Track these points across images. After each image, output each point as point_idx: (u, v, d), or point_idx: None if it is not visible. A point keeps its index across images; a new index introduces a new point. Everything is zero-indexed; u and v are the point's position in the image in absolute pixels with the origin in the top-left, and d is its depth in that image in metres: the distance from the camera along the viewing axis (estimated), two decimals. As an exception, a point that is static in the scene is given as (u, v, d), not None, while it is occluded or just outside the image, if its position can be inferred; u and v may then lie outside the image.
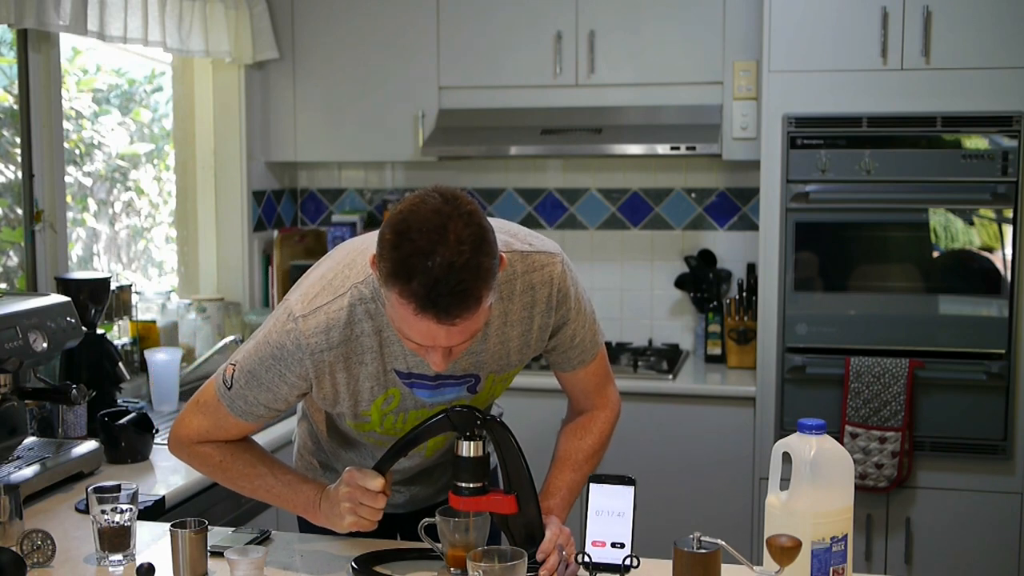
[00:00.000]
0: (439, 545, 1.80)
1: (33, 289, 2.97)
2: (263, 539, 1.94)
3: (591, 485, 1.77)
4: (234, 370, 1.76)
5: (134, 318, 3.29)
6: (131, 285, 3.23)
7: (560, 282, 1.78)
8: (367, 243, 1.72)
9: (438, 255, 1.46)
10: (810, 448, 1.61)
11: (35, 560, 1.79)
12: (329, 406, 1.81)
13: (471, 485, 1.73)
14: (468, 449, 1.72)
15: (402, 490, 2.04)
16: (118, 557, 1.83)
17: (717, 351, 3.78)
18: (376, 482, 1.72)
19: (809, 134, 3.30)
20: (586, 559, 1.73)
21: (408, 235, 1.48)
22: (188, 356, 3.51)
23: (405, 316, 1.52)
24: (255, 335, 1.78)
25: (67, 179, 3.16)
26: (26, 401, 2.38)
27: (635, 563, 1.71)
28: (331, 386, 1.74)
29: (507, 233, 1.78)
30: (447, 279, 1.46)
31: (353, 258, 1.75)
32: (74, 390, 2.34)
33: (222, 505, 2.58)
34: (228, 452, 1.85)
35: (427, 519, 1.81)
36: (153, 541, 1.95)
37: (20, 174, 2.99)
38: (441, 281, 1.46)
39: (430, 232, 1.47)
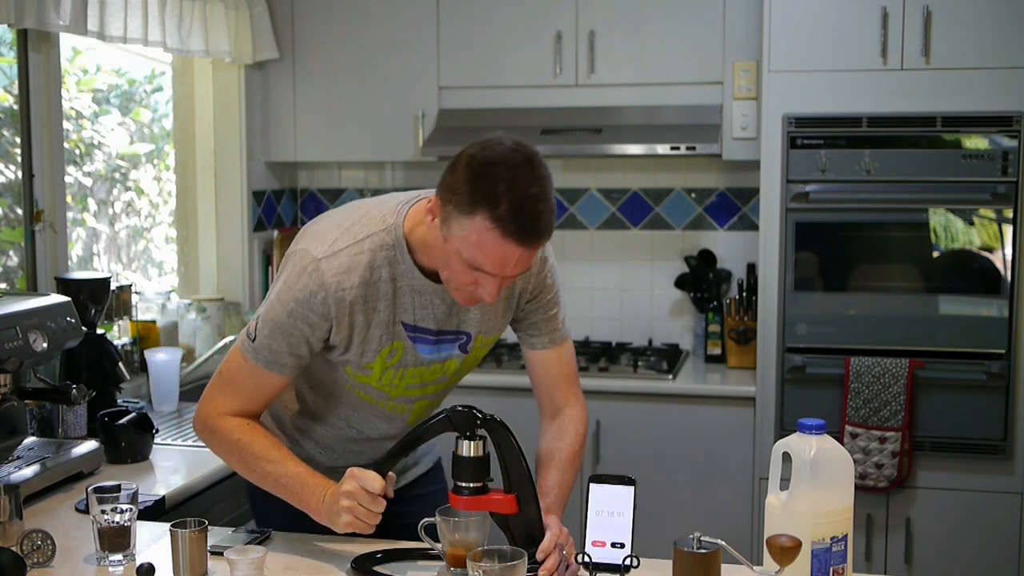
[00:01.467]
0: (439, 545, 1.80)
1: (33, 289, 2.97)
2: (263, 539, 1.94)
3: (591, 485, 1.77)
4: (257, 323, 1.82)
5: (134, 318, 3.29)
6: (131, 285, 3.23)
7: (541, 249, 1.85)
8: (378, 201, 1.86)
9: (524, 185, 1.62)
10: (810, 448, 1.61)
11: (35, 560, 1.79)
12: (340, 352, 1.84)
13: (471, 485, 1.73)
14: (468, 449, 1.72)
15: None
16: (118, 557, 1.83)
17: (717, 351, 3.78)
18: (376, 484, 1.72)
19: (809, 134, 3.31)
20: (586, 559, 1.73)
21: (493, 167, 1.63)
22: (188, 356, 3.51)
23: (484, 242, 1.63)
24: (272, 289, 1.84)
25: (67, 179, 3.16)
26: (26, 401, 2.38)
27: (635, 563, 1.71)
28: (348, 329, 1.80)
29: None
30: (532, 206, 1.62)
31: (367, 211, 1.84)
32: (74, 390, 2.34)
33: (222, 505, 2.58)
34: (247, 431, 1.85)
35: (427, 519, 1.81)
36: (153, 541, 1.95)
37: (20, 174, 2.99)
38: (526, 208, 1.62)
39: (514, 167, 1.63)
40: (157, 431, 2.68)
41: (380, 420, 1.99)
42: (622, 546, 1.72)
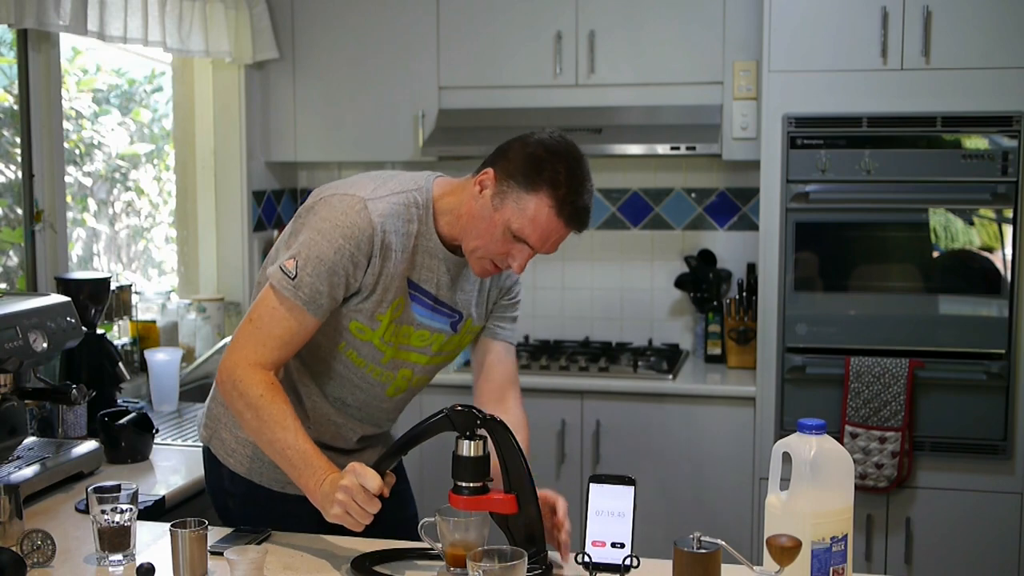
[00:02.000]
0: (439, 545, 1.80)
1: (33, 289, 2.97)
2: (263, 539, 1.94)
3: (591, 485, 1.77)
4: (295, 262, 1.85)
5: (134, 318, 3.29)
6: (131, 285, 3.23)
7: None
8: (399, 171, 2.02)
9: (582, 177, 1.86)
10: (810, 448, 1.61)
11: (35, 560, 1.79)
12: (362, 298, 1.91)
13: (471, 485, 1.73)
14: (468, 449, 1.73)
15: (354, 427, 2.08)
16: (118, 557, 1.83)
17: (717, 351, 3.78)
18: (374, 483, 1.72)
19: (809, 134, 3.30)
20: (586, 559, 1.73)
21: (559, 155, 1.84)
22: (188, 356, 3.51)
23: (539, 217, 1.83)
24: (302, 232, 1.88)
25: (67, 179, 3.16)
26: (26, 401, 2.38)
27: (635, 563, 1.71)
28: (378, 273, 1.89)
29: None
30: (585, 197, 1.86)
31: (395, 174, 1.99)
32: (74, 390, 2.34)
33: (222, 505, 2.58)
34: (270, 390, 1.84)
35: (427, 519, 1.81)
36: (153, 541, 1.95)
37: (20, 174, 2.99)
38: (581, 197, 1.85)
39: (574, 161, 1.86)
40: (157, 431, 2.68)
41: (360, 390, 2.01)
42: (622, 546, 1.72)
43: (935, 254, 3.30)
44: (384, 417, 2.13)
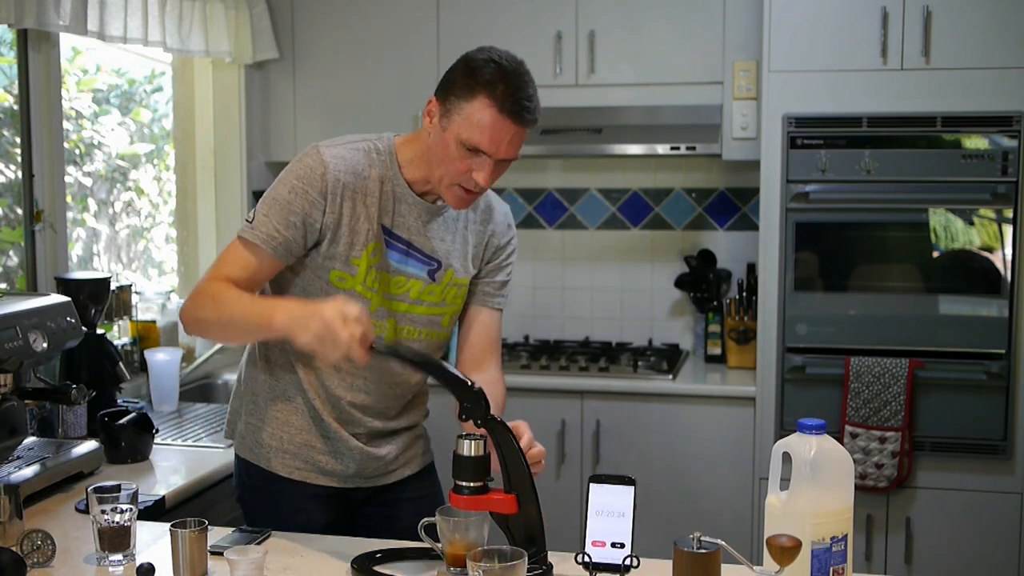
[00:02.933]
0: (439, 545, 1.80)
1: (33, 289, 2.97)
2: (263, 539, 1.94)
3: (591, 485, 1.77)
4: (254, 211, 1.99)
5: (134, 318, 3.29)
6: (131, 285, 3.23)
7: (512, 219, 2.21)
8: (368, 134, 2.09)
9: (516, 76, 1.91)
10: (810, 448, 1.61)
11: (35, 560, 1.79)
12: (329, 241, 1.97)
13: (471, 484, 1.73)
14: (468, 449, 1.73)
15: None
16: (118, 557, 1.83)
17: (717, 351, 3.78)
18: (354, 308, 1.76)
19: (809, 134, 3.31)
20: (586, 559, 1.73)
21: (492, 59, 1.91)
22: (188, 356, 3.51)
23: (483, 120, 1.88)
24: (272, 186, 2.00)
25: (67, 179, 3.16)
26: (26, 401, 2.38)
27: (635, 563, 1.71)
28: (338, 214, 1.97)
29: None
30: (524, 90, 1.90)
31: (359, 134, 2.07)
32: (74, 390, 2.34)
33: (222, 505, 2.58)
34: (223, 285, 1.94)
35: (427, 519, 1.81)
36: (153, 541, 1.95)
37: (20, 174, 2.99)
38: (520, 91, 1.90)
39: (510, 61, 1.92)
40: (157, 431, 2.68)
41: None
42: (622, 546, 1.72)
43: (935, 254, 3.30)
44: (392, 396, 2.12)
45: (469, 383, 1.73)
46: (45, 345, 2.27)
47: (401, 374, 2.10)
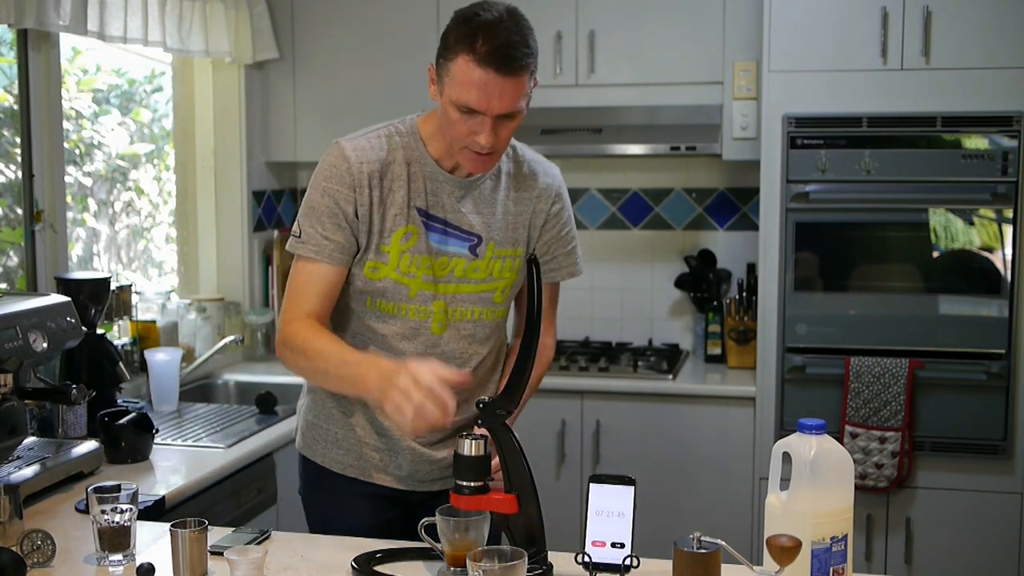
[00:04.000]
0: (439, 545, 1.80)
1: (33, 289, 2.97)
2: (263, 539, 1.94)
3: (591, 485, 1.76)
4: (298, 223, 2.00)
5: (134, 318, 3.29)
6: (131, 285, 3.23)
7: (561, 182, 2.14)
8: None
9: (497, 25, 1.84)
10: (810, 448, 1.61)
11: (35, 560, 1.79)
12: (364, 233, 1.97)
13: (472, 484, 1.73)
14: (468, 448, 1.73)
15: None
16: (118, 557, 1.82)
17: (717, 351, 3.78)
18: (430, 374, 1.70)
19: (809, 134, 3.31)
20: (586, 559, 1.73)
21: (475, 15, 1.86)
22: (188, 356, 3.51)
23: (468, 78, 1.83)
24: (306, 195, 2.03)
25: (67, 179, 3.16)
26: (26, 401, 2.38)
27: (635, 563, 1.71)
28: (368, 204, 1.96)
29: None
30: (506, 38, 1.83)
31: (380, 123, 2.07)
32: (74, 390, 2.34)
33: (222, 505, 2.58)
34: (310, 331, 1.93)
35: (426, 519, 1.81)
36: (153, 541, 1.95)
37: (20, 174, 2.99)
38: (499, 39, 1.83)
39: (495, 10, 1.87)
40: (157, 431, 2.68)
41: (408, 341, 2.02)
42: (622, 546, 1.72)
43: (935, 254, 3.30)
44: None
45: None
46: (45, 345, 2.27)
47: (459, 356, 2.05)
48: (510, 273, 2.08)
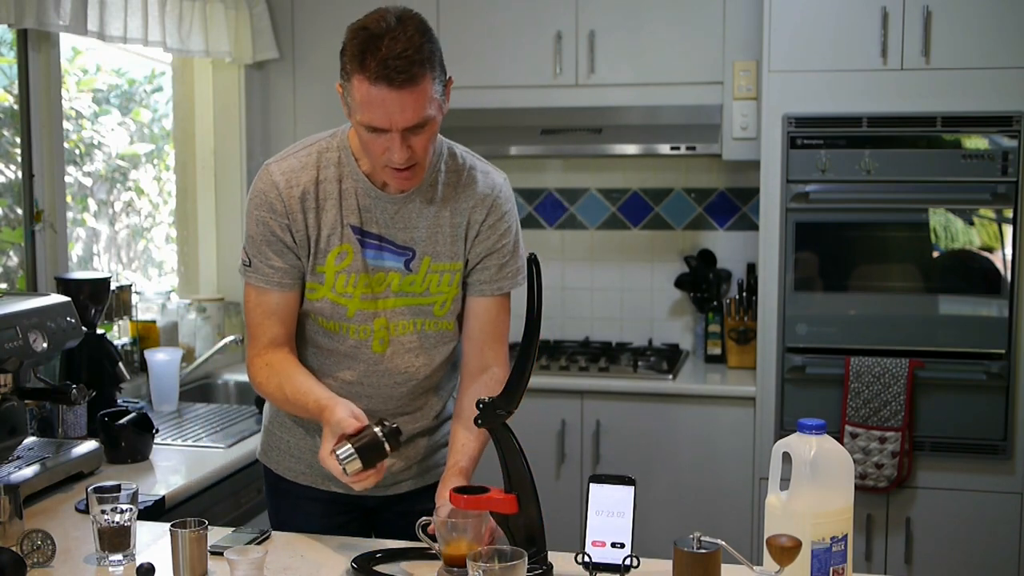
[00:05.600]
0: (438, 545, 1.80)
1: (33, 289, 2.97)
2: (263, 539, 1.94)
3: (591, 485, 1.77)
4: (245, 250, 1.98)
5: (134, 318, 3.29)
6: (131, 285, 3.23)
7: (501, 191, 2.03)
8: (324, 132, 2.03)
9: (386, 36, 1.76)
10: (810, 448, 1.61)
11: (35, 560, 1.79)
12: (305, 256, 1.95)
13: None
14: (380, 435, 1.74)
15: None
16: (118, 557, 1.83)
17: (717, 351, 3.78)
18: (335, 468, 1.75)
19: (809, 134, 3.31)
20: (586, 559, 1.73)
21: (363, 28, 1.78)
22: (188, 356, 3.51)
23: (366, 98, 1.77)
24: (246, 222, 1.99)
25: (67, 179, 3.16)
26: (26, 401, 2.38)
27: (635, 563, 1.71)
28: (303, 227, 1.93)
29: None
30: (393, 49, 1.74)
31: (316, 136, 2.02)
32: (74, 390, 2.34)
33: (222, 505, 2.58)
34: (270, 370, 1.96)
35: (426, 518, 1.81)
36: (153, 541, 1.95)
37: (20, 174, 2.99)
38: (387, 51, 1.74)
39: (378, 22, 1.78)
40: (157, 431, 2.68)
41: (347, 358, 2.02)
42: (622, 546, 1.72)
43: (935, 254, 3.30)
44: (397, 396, 2.06)
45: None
46: (45, 345, 2.27)
47: (404, 371, 2.03)
48: (448, 287, 2.01)
